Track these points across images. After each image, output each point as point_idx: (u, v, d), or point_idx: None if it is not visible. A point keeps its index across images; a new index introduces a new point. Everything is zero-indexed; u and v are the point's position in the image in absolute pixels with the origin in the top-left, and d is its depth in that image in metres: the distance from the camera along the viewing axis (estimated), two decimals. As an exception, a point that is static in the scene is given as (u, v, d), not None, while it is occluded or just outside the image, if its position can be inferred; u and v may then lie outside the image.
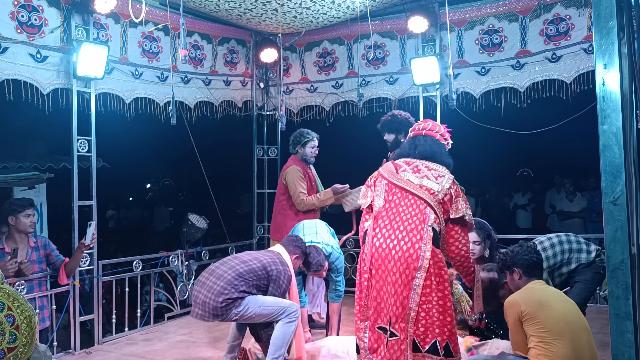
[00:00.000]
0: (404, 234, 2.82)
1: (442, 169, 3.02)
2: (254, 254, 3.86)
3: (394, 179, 2.99)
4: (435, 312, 2.77)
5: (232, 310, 3.53)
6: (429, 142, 3.13)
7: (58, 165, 8.22)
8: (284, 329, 3.62)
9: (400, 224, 2.86)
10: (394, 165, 3.07)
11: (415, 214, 2.86)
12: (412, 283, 2.76)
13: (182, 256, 5.71)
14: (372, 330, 2.89)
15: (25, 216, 4.09)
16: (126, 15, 5.13)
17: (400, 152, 3.21)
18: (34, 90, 4.58)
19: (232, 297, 3.51)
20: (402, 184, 2.96)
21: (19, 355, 2.00)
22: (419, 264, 2.76)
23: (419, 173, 2.98)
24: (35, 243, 4.24)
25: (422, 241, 2.79)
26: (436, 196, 2.90)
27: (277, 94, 7.03)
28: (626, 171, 1.96)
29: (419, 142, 3.14)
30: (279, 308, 3.64)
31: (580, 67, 5.29)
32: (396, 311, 2.79)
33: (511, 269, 3.14)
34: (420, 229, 2.81)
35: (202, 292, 3.60)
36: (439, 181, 2.94)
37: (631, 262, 1.96)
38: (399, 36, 6.22)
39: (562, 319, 2.86)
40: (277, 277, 3.71)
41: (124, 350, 4.68)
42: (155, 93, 5.71)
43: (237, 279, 3.58)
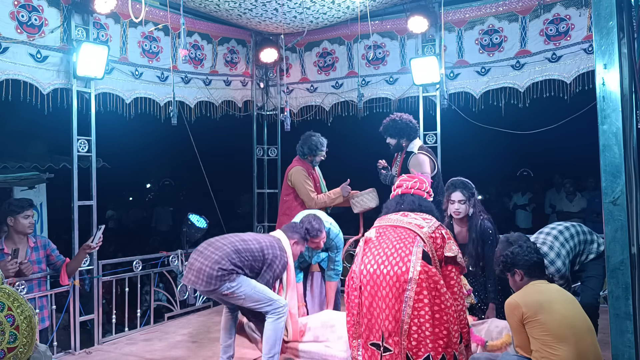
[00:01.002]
0: (392, 252, 2.89)
1: (429, 216, 3.13)
2: (254, 236, 3.88)
3: (383, 223, 3.13)
4: (429, 325, 2.76)
5: (225, 284, 3.54)
6: (416, 199, 3.22)
7: (58, 165, 8.22)
8: (274, 326, 3.65)
9: (389, 245, 2.94)
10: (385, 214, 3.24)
11: (404, 238, 2.95)
12: (403, 296, 2.77)
13: (182, 256, 5.71)
14: (365, 347, 2.91)
15: (24, 217, 4.07)
16: (126, 15, 5.13)
17: (387, 208, 3.31)
18: (34, 90, 4.58)
19: (227, 268, 3.54)
20: (391, 222, 3.09)
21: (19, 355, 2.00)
22: (409, 276, 2.77)
23: (407, 217, 3.11)
24: (35, 243, 4.22)
25: (411, 255, 2.83)
26: (425, 231, 2.99)
27: (277, 94, 7.03)
28: (626, 171, 1.96)
29: (407, 199, 3.23)
30: (268, 298, 3.65)
31: (580, 67, 5.29)
32: (389, 325, 2.80)
33: (512, 270, 3.13)
34: (410, 247, 2.88)
35: (198, 259, 3.64)
36: (427, 222, 3.05)
37: (631, 262, 1.96)
38: (399, 36, 6.22)
39: (566, 322, 2.83)
40: (272, 261, 3.73)
41: (124, 350, 4.68)
42: (155, 93, 5.71)
43: (234, 253, 3.62)
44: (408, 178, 3.38)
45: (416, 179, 3.34)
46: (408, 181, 3.33)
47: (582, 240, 4.01)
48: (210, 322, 5.49)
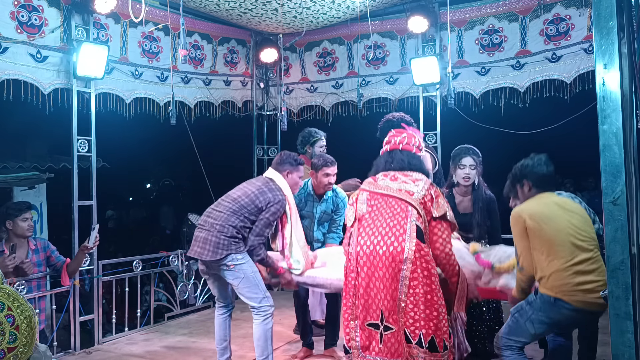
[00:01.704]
0: (387, 230, 2.87)
1: (419, 175, 3.06)
2: (244, 188, 3.80)
3: (374, 189, 3.05)
4: (422, 305, 2.80)
5: (231, 254, 3.54)
6: (405, 156, 3.13)
7: (58, 165, 8.22)
8: (262, 327, 3.62)
9: (383, 223, 2.91)
10: (372, 179, 3.14)
11: (397, 213, 2.91)
12: (399, 275, 2.81)
13: (182, 256, 5.70)
14: (362, 328, 2.92)
15: (23, 220, 4.08)
16: (126, 15, 5.13)
17: (376, 167, 3.22)
18: (34, 90, 4.58)
19: (231, 234, 3.55)
20: (381, 190, 3.02)
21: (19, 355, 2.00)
22: (405, 256, 2.81)
23: (396, 181, 3.03)
24: (35, 246, 4.23)
25: (405, 234, 2.84)
26: (416, 197, 2.94)
27: (277, 94, 7.03)
28: (626, 171, 1.96)
29: (396, 157, 3.14)
30: (263, 290, 3.63)
31: (580, 67, 5.30)
32: (387, 304, 2.82)
33: (521, 181, 3.07)
34: (404, 224, 2.87)
35: (202, 231, 3.65)
36: (417, 184, 2.98)
37: (631, 262, 1.95)
38: (399, 36, 6.22)
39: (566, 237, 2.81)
40: (267, 206, 3.67)
41: (124, 350, 4.68)
42: (155, 93, 5.71)
43: (232, 216, 3.61)
44: (396, 133, 3.23)
45: (405, 133, 3.21)
46: (396, 136, 3.20)
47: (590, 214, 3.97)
48: (210, 322, 5.46)
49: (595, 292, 2.73)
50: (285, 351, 4.48)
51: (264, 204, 3.67)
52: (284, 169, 3.87)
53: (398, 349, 2.80)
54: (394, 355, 2.80)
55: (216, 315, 3.92)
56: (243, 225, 3.63)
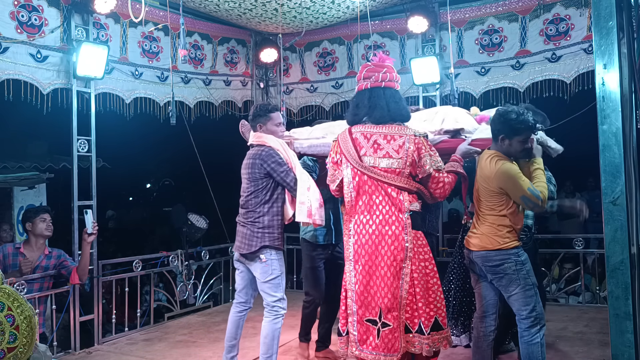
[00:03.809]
0: (386, 229, 2.88)
1: (400, 130, 2.94)
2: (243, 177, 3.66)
3: (359, 167, 2.95)
4: (419, 295, 2.87)
5: (265, 247, 3.52)
6: (388, 99, 2.98)
7: (58, 165, 8.22)
8: (271, 326, 3.62)
9: (380, 217, 2.90)
10: (354, 144, 2.96)
11: (391, 204, 2.90)
12: (400, 273, 2.86)
13: (182, 256, 5.70)
14: (360, 323, 2.96)
15: (41, 220, 4.30)
16: (126, 15, 5.13)
17: (354, 114, 3.03)
18: (34, 90, 4.59)
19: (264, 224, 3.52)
20: (368, 172, 2.93)
21: (18, 355, 2.00)
22: (405, 254, 2.86)
23: (380, 150, 2.92)
24: (50, 252, 4.40)
25: (404, 231, 2.87)
26: (403, 172, 2.90)
27: (277, 94, 7.03)
28: (626, 171, 1.96)
29: (378, 103, 2.97)
30: (280, 293, 3.61)
31: (580, 67, 5.30)
32: (387, 302, 2.86)
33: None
34: (400, 219, 2.88)
35: (240, 224, 3.66)
36: (400, 153, 2.90)
37: (631, 262, 1.96)
38: (398, 36, 6.22)
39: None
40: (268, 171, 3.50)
41: (124, 350, 4.68)
42: (155, 93, 5.71)
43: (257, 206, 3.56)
44: (376, 67, 3.02)
45: (385, 68, 3.03)
46: (376, 71, 3.00)
47: None
48: (210, 322, 5.49)
49: None
50: (284, 352, 4.48)
51: (264, 171, 3.53)
52: (256, 124, 3.69)
53: (395, 344, 2.85)
54: (390, 350, 2.85)
55: (232, 311, 3.90)
56: (270, 206, 3.57)
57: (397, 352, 2.84)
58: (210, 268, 6.25)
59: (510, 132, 3.06)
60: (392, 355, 2.83)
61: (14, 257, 4.24)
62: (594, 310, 5.32)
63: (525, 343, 3.09)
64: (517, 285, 3.06)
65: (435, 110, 3.85)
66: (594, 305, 5.69)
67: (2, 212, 7.72)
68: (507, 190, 3.04)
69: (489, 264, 3.11)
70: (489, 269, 3.13)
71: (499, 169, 3.02)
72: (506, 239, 3.08)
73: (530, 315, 3.06)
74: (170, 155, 12.77)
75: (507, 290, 3.11)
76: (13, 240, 6.29)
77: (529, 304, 3.06)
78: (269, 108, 3.73)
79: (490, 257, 3.10)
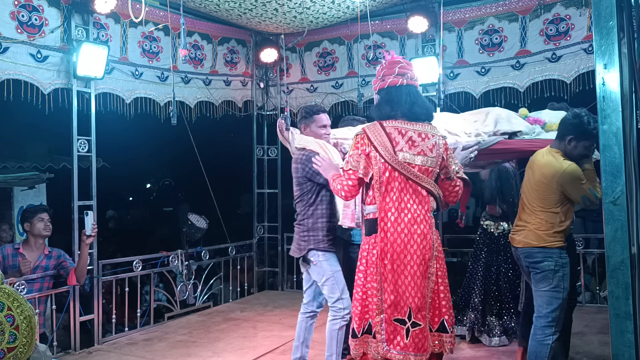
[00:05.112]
0: (415, 227, 2.85)
1: (432, 130, 2.95)
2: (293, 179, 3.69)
3: (393, 162, 2.86)
4: (442, 293, 2.90)
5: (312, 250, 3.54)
6: (421, 97, 3.02)
7: (58, 165, 8.23)
8: (330, 327, 3.56)
9: (409, 215, 2.87)
10: (389, 139, 2.89)
11: (419, 203, 2.89)
12: (427, 273, 2.86)
13: (182, 256, 5.71)
14: (387, 322, 2.90)
15: (39, 220, 4.29)
16: (126, 15, 5.13)
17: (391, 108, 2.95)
18: (35, 90, 4.58)
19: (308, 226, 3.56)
20: (400, 168, 2.86)
21: (18, 355, 2.00)
22: (431, 253, 2.86)
23: (414, 148, 2.89)
24: (50, 252, 4.40)
25: (430, 230, 2.88)
26: (434, 172, 2.91)
27: (277, 94, 7.03)
28: (626, 171, 1.96)
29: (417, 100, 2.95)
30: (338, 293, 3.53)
31: (580, 67, 5.30)
32: (418, 302, 2.85)
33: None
34: (427, 218, 2.88)
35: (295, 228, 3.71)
36: (434, 152, 2.90)
37: (631, 262, 1.95)
38: (399, 36, 6.22)
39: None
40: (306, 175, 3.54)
41: (124, 350, 4.68)
42: (155, 93, 5.71)
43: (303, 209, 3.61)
44: (407, 65, 3.02)
45: (413, 67, 3.05)
46: (408, 69, 2.99)
47: None
48: (210, 322, 5.49)
49: None
50: (284, 352, 4.48)
51: (305, 175, 3.56)
52: (301, 125, 3.73)
53: (424, 344, 2.84)
54: (420, 350, 2.82)
55: (300, 312, 3.83)
56: (314, 209, 3.58)
57: (426, 352, 2.84)
58: (210, 268, 6.26)
59: (580, 135, 3.16)
60: (422, 355, 2.83)
61: (14, 257, 4.24)
62: (594, 310, 5.33)
63: (536, 341, 3.12)
64: (549, 284, 3.12)
65: (485, 111, 3.89)
66: (594, 305, 5.69)
67: (2, 212, 7.72)
68: (569, 189, 3.11)
69: (530, 259, 3.20)
70: (529, 263, 3.21)
71: (565, 169, 3.10)
72: (552, 238, 3.15)
73: (550, 315, 3.09)
74: (171, 156, 12.78)
75: (537, 285, 3.18)
76: (13, 241, 6.30)
77: (552, 305, 3.09)
78: (315, 110, 3.74)
79: (532, 254, 3.19)
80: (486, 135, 3.47)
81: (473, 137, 3.51)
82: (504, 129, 3.51)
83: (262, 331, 5.06)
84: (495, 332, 4.38)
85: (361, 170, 2.91)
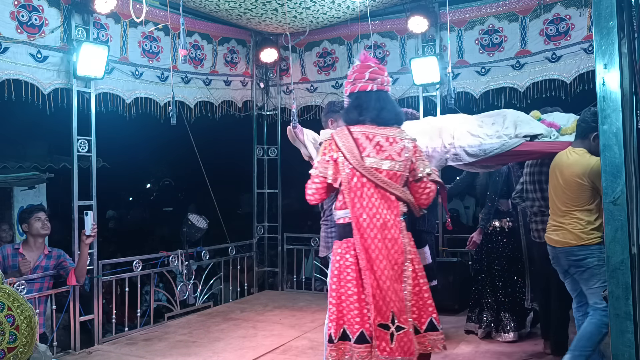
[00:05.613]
0: (386, 232, 2.85)
1: (401, 133, 2.95)
2: None
3: (360, 167, 2.87)
4: (424, 292, 2.89)
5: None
6: (391, 102, 3.00)
7: (58, 165, 8.23)
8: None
9: (380, 220, 2.86)
10: (356, 144, 2.90)
11: (389, 208, 2.88)
12: (402, 276, 2.85)
13: (182, 256, 5.71)
14: (374, 328, 2.90)
15: (36, 220, 4.27)
16: (126, 15, 5.13)
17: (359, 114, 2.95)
18: (35, 90, 4.58)
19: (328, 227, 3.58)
20: (368, 174, 2.86)
21: (18, 355, 2.00)
22: (404, 257, 2.86)
23: (382, 153, 2.89)
24: (50, 252, 4.39)
25: (401, 235, 2.87)
26: (403, 176, 2.90)
27: (277, 94, 7.04)
28: (626, 171, 1.96)
29: (386, 105, 2.95)
30: None
31: (580, 67, 5.30)
32: (397, 305, 2.84)
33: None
34: (397, 222, 2.88)
35: None
36: (402, 156, 2.89)
37: (631, 262, 1.95)
38: (399, 36, 6.22)
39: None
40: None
41: (124, 350, 4.68)
42: (155, 93, 5.71)
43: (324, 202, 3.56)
44: (380, 70, 3.00)
45: (385, 72, 3.03)
46: (380, 74, 2.97)
47: None
48: (210, 322, 5.49)
49: None
50: (284, 352, 4.48)
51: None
52: (327, 119, 3.70)
53: (410, 347, 2.82)
54: (406, 353, 2.81)
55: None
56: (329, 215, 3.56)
57: (412, 355, 2.82)
58: (210, 268, 6.26)
59: None
60: (409, 358, 2.81)
61: (13, 257, 4.23)
62: (594, 311, 5.32)
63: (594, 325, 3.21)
64: (598, 279, 3.17)
65: (501, 113, 3.92)
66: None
67: (2, 212, 7.73)
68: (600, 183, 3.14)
69: (572, 258, 3.26)
70: (572, 262, 3.28)
71: (594, 165, 3.16)
72: (590, 235, 3.21)
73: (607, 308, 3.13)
74: (170, 156, 12.79)
75: (587, 284, 3.25)
76: (13, 241, 6.30)
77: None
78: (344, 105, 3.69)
79: (574, 252, 3.25)
80: (507, 138, 3.59)
81: (495, 139, 3.61)
82: (525, 131, 3.61)
83: (262, 331, 5.06)
84: (510, 328, 4.45)
85: (330, 177, 2.92)
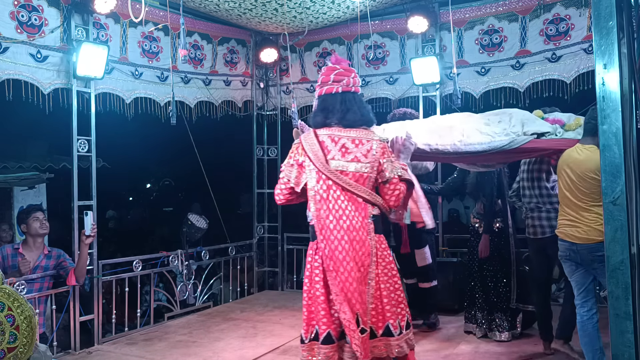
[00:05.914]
0: (354, 234, 2.85)
1: (368, 135, 2.95)
2: None
3: (325, 170, 2.88)
4: (385, 298, 2.88)
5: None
6: (358, 104, 2.99)
7: (58, 165, 8.23)
8: None
9: (347, 222, 2.86)
10: (321, 147, 2.92)
11: (356, 210, 2.88)
12: (366, 278, 2.86)
13: (182, 256, 5.71)
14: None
15: (34, 220, 4.28)
16: (126, 15, 5.13)
17: (325, 117, 2.98)
18: (35, 90, 4.58)
19: None
20: (334, 177, 2.87)
21: (19, 355, 2.00)
22: (370, 259, 2.86)
23: (347, 155, 2.90)
24: (50, 252, 4.40)
25: (369, 237, 2.88)
26: (370, 177, 2.89)
27: (277, 94, 7.04)
28: (626, 171, 1.96)
29: (351, 107, 2.96)
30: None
31: (580, 67, 5.29)
32: (360, 308, 2.83)
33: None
34: (365, 225, 2.87)
35: None
36: (369, 157, 2.89)
37: (631, 262, 1.95)
38: (399, 36, 6.22)
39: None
40: None
41: (124, 350, 4.68)
42: (155, 93, 5.71)
43: None
44: (346, 71, 3.01)
45: (353, 72, 3.04)
46: (346, 75, 2.98)
47: None
48: (210, 322, 5.49)
49: None
50: (284, 351, 4.48)
51: None
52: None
53: (367, 350, 2.82)
54: (365, 356, 2.81)
55: None
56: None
57: (367, 359, 2.82)
58: (210, 268, 6.26)
59: None
60: None
61: (13, 257, 4.24)
62: (594, 310, 5.32)
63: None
64: None
65: (507, 112, 3.98)
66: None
67: (2, 212, 7.73)
68: None
69: (597, 253, 3.25)
70: (596, 257, 3.27)
71: None
72: None
73: None
74: (171, 156, 12.78)
75: None
76: (13, 241, 6.31)
77: None
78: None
79: (599, 248, 3.23)
80: (515, 135, 3.66)
81: (504, 137, 3.67)
82: (532, 129, 3.67)
83: (262, 331, 5.06)
84: (503, 328, 4.45)
85: (292, 180, 2.95)
